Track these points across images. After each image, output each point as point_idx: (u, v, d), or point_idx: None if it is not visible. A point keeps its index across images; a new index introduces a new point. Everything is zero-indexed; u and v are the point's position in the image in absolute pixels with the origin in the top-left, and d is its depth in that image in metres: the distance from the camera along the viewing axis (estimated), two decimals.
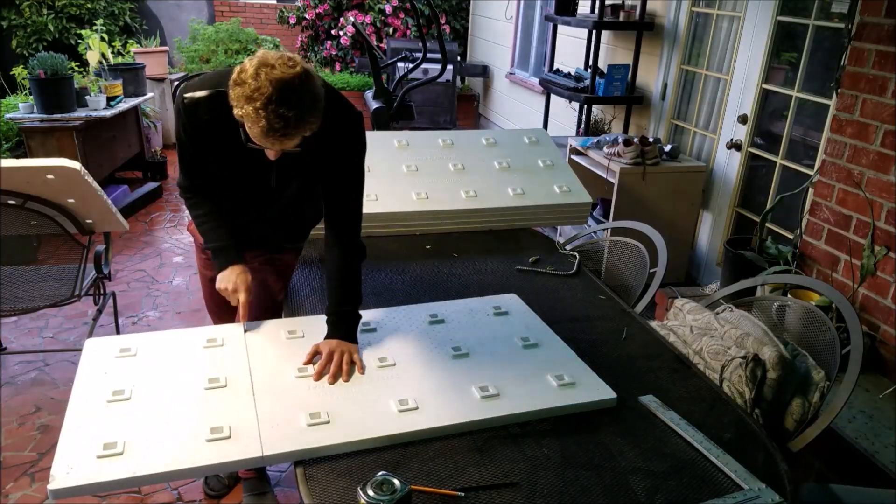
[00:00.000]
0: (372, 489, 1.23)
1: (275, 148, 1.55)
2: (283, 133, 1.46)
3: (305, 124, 1.49)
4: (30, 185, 2.44)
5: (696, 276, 3.96)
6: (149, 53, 6.13)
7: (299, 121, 1.46)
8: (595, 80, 4.29)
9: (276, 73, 1.42)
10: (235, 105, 1.46)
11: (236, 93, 1.45)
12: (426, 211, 2.58)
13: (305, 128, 1.50)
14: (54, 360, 3.09)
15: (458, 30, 7.85)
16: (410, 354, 1.75)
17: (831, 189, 2.86)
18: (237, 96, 1.45)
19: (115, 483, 1.30)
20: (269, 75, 1.42)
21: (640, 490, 1.37)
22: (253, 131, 1.48)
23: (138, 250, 4.32)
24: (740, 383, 1.80)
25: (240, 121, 1.51)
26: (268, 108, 1.41)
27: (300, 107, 1.45)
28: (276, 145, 1.52)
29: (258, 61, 1.44)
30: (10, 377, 2.96)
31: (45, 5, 6.75)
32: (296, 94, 1.44)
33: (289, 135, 1.48)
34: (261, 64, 1.43)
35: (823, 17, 3.07)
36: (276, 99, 1.41)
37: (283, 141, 1.50)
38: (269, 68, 1.43)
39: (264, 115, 1.42)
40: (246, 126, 1.50)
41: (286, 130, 1.46)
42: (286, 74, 1.43)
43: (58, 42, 6.72)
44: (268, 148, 1.56)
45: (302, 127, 1.49)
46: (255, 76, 1.42)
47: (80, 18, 6.86)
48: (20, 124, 4.26)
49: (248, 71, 1.43)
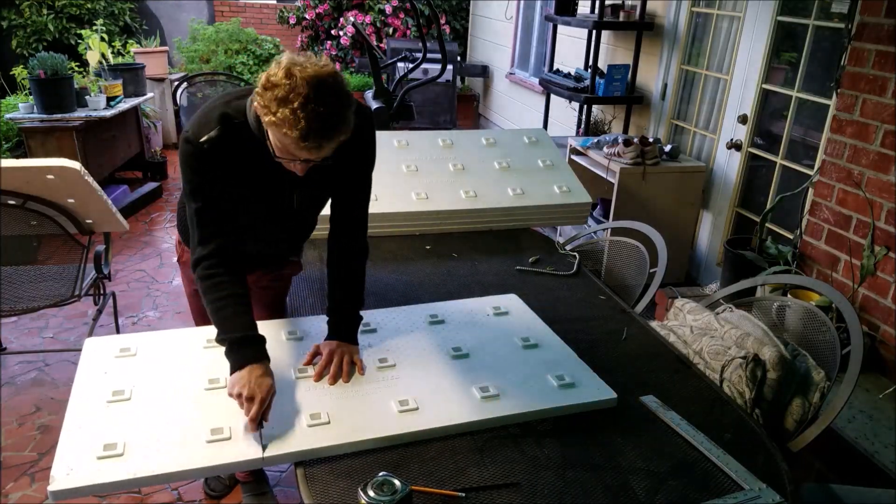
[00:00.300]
0: (372, 490, 1.23)
1: (312, 156, 1.43)
2: (323, 135, 1.37)
3: (343, 124, 1.40)
4: (30, 185, 2.44)
5: (696, 276, 3.96)
6: (149, 53, 6.13)
7: (338, 121, 1.38)
8: (595, 80, 4.29)
9: (310, 72, 1.35)
10: (266, 112, 1.36)
11: (267, 98, 1.35)
12: (426, 211, 2.58)
13: (343, 131, 1.41)
14: (54, 360, 3.09)
15: (458, 30, 7.85)
16: (410, 355, 1.75)
17: (831, 189, 2.86)
18: (268, 101, 1.35)
19: (116, 484, 1.30)
20: (303, 74, 1.34)
21: (640, 490, 1.37)
22: (288, 138, 1.37)
23: (138, 250, 4.32)
24: (740, 383, 1.80)
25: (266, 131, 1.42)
26: (307, 107, 1.33)
27: (338, 105, 1.38)
28: (311, 152, 1.41)
29: (288, 62, 1.37)
30: (10, 377, 2.96)
31: (45, 5, 6.75)
32: (332, 93, 1.37)
33: (328, 137, 1.38)
34: (292, 64, 1.36)
35: (823, 17, 3.07)
36: (314, 97, 1.33)
37: (321, 145, 1.39)
38: (302, 68, 1.35)
39: (303, 115, 1.33)
40: (277, 135, 1.40)
41: (325, 131, 1.37)
42: (320, 73, 1.36)
43: (58, 42, 6.72)
44: (301, 158, 1.44)
45: (340, 128, 1.40)
46: (287, 76, 1.34)
47: (80, 18, 6.86)
48: (20, 124, 4.26)
49: (279, 73, 1.35)
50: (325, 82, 1.36)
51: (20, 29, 6.73)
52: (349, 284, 1.77)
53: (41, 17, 6.71)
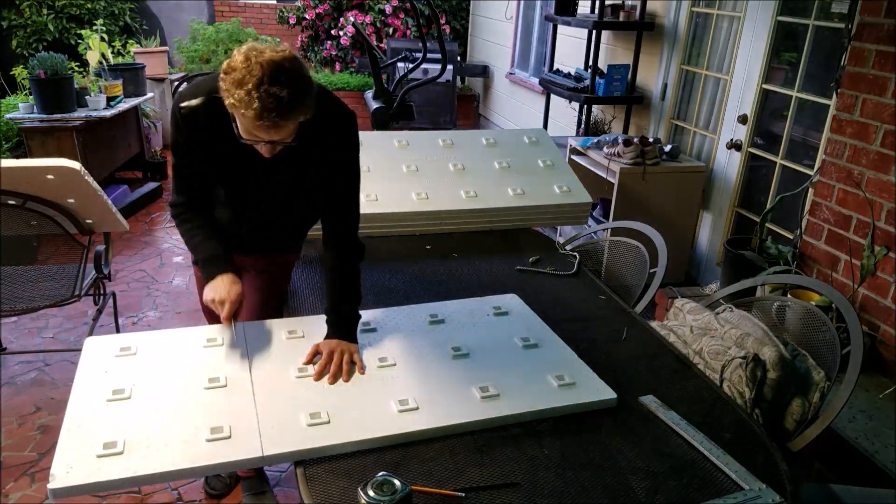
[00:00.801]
0: (372, 489, 1.22)
1: (269, 136, 1.51)
2: (278, 114, 1.44)
3: (299, 106, 1.47)
4: (30, 185, 2.44)
5: (696, 276, 3.96)
6: (149, 53, 6.13)
7: (292, 101, 1.44)
8: (595, 80, 4.29)
9: (266, 56, 1.43)
10: (227, 94, 1.45)
11: (227, 82, 1.44)
12: (426, 211, 2.58)
13: (299, 111, 1.48)
14: (54, 360, 3.09)
15: (458, 30, 7.85)
16: (410, 354, 1.75)
17: (831, 189, 2.86)
18: (228, 85, 1.44)
19: (115, 483, 1.30)
20: (259, 58, 1.42)
21: (640, 490, 1.37)
22: (246, 117, 1.46)
23: (138, 250, 4.32)
24: (740, 383, 1.80)
25: (232, 114, 1.50)
26: (260, 88, 1.40)
27: (292, 86, 1.44)
28: (270, 132, 1.49)
29: (246, 48, 1.46)
30: (10, 377, 2.96)
31: (45, 5, 6.75)
32: (287, 74, 1.43)
33: (283, 116, 1.45)
34: (249, 50, 1.45)
35: (823, 17, 3.07)
36: (267, 79, 1.41)
37: (279, 125, 1.47)
38: (258, 52, 1.44)
39: (256, 95, 1.40)
40: (238, 117, 1.49)
41: (280, 111, 1.44)
42: (276, 56, 1.44)
43: (58, 42, 6.71)
44: (262, 140, 1.53)
45: (295, 109, 1.47)
46: (244, 61, 1.43)
47: (80, 18, 6.86)
48: (20, 124, 4.26)
49: (238, 58, 1.44)
50: (281, 66, 1.44)
51: (20, 29, 6.73)
52: (345, 283, 1.79)
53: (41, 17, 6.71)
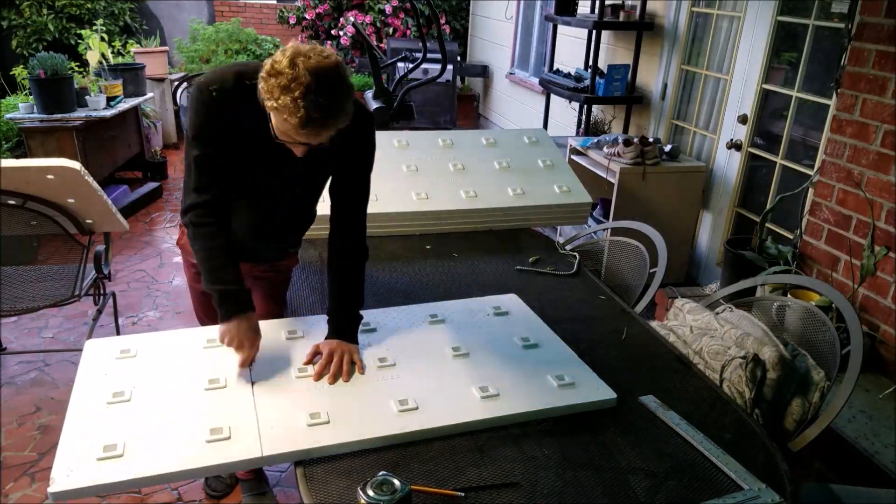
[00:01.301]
0: (372, 489, 1.23)
1: (309, 140, 1.50)
2: (322, 123, 1.44)
3: (342, 114, 1.47)
4: (30, 185, 2.45)
5: (696, 276, 3.96)
6: (149, 53, 6.13)
7: (337, 110, 1.45)
8: (595, 80, 4.29)
9: (313, 62, 1.41)
10: (269, 97, 1.42)
11: (270, 84, 1.41)
12: (426, 211, 2.58)
13: (341, 119, 1.48)
14: (54, 360, 3.09)
15: (458, 30, 7.85)
16: (410, 354, 1.75)
17: (831, 189, 2.86)
18: (271, 88, 1.41)
19: (116, 485, 1.31)
20: (307, 64, 1.40)
21: (640, 490, 1.37)
22: (288, 124, 1.44)
23: (138, 250, 4.32)
24: (740, 383, 1.80)
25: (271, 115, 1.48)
26: (307, 97, 1.39)
27: (338, 96, 1.44)
28: (310, 137, 1.48)
29: (292, 51, 1.42)
30: (10, 377, 2.96)
31: (45, 5, 6.74)
32: (333, 84, 1.42)
33: (326, 125, 1.45)
34: (296, 54, 1.41)
35: (823, 17, 3.07)
36: (314, 88, 1.39)
37: (320, 132, 1.47)
38: (305, 58, 1.41)
39: (303, 104, 1.39)
40: (278, 120, 1.47)
41: (325, 121, 1.44)
42: (323, 63, 1.42)
43: (58, 42, 6.71)
44: (300, 142, 1.51)
45: (338, 117, 1.46)
46: (291, 66, 1.40)
47: (80, 18, 6.86)
48: (20, 124, 4.26)
49: (283, 62, 1.41)
50: (327, 73, 1.42)
51: (20, 29, 6.72)
52: (348, 284, 1.79)
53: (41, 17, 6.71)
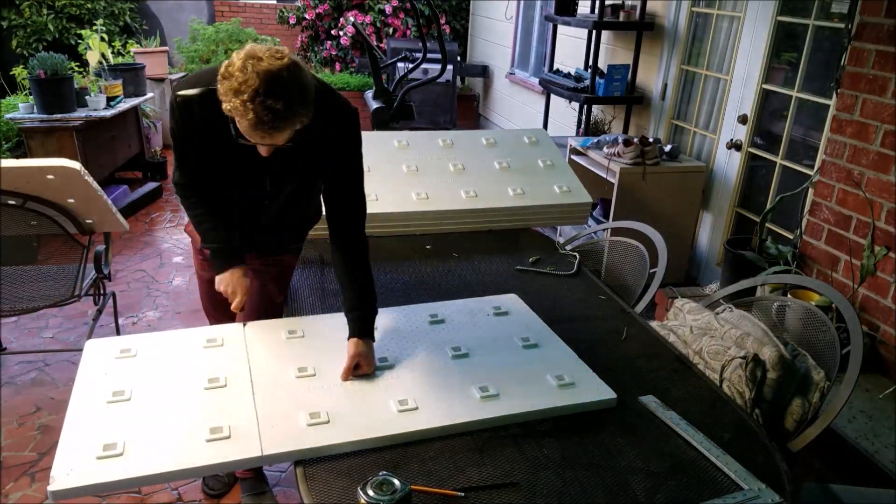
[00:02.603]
0: (372, 489, 1.23)
1: (265, 142, 1.52)
2: (272, 126, 1.45)
3: (294, 116, 1.47)
4: (30, 185, 2.45)
5: (696, 276, 3.96)
6: (149, 53, 6.13)
7: (288, 112, 1.44)
8: (595, 80, 4.29)
9: (264, 65, 1.41)
10: (224, 99, 1.45)
11: (224, 87, 1.44)
12: (426, 211, 2.58)
13: (295, 120, 1.48)
14: (54, 360, 3.09)
15: (458, 30, 7.85)
16: (410, 354, 1.75)
17: (831, 189, 2.86)
18: (225, 90, 1.44)
19: (116, 484, 1.31)
20: (256, 67, 1.40)
21: (640, 490, 1.37)
22: (242, 125, 1.47)
23: (138, 250, 4.32)
24: (740, 383, 1.80)
25: (229, 116, 1.49)
26: (255, 100, 1.40)
27: (288, 98, 1.43)
28: (265, 139, 1.50)
29: (245, 54, 1.43)
30: (10, 377, 2.96)
31: (45, 5, 6.74)
32: (283, 86, 1.42)
33: (278, 127, 1.46)
34: (248, 56, 1.42)
35: (823, 17, 3.07)
36: (263, 91, 1.40)
37: (273, 134, 1.48)
38: (256, 60, 1.41)
39: (252, 107, 1.40)
40: (236, 120, 1.49)
41: (275, 123, 1.44)
42: (273, 66, 1.42)
43: (58, 42, 6.71)
44: (258, 143, 1.53)
45: (291, 119, 1.47)
46: (242, 69, 1.41)
47: (80, 18, 6.86)
48: (20, 124, 4.26)
49: (236, 64, 1.42)
50: (278, 77, 1.42)
51: (20, 29, 6.72)
52: (357, 281, 1.76)
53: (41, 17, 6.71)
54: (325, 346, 1.76)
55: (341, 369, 1.64)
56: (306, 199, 1.95)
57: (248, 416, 1.48)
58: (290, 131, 1.51)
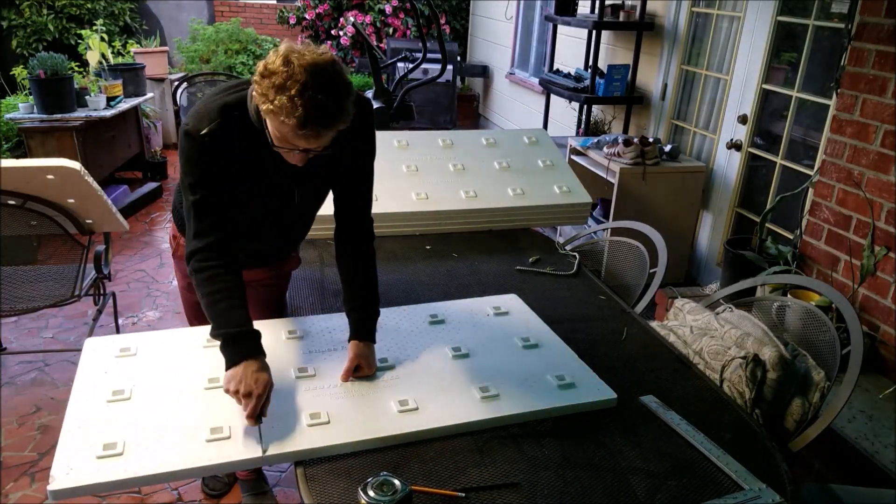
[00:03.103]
0: (372, 490, 1.23)
1: (309, 145, 1.42)
2: (321, 122, 1.35)
3: (342, 114, 1.38)
4: (30, 185, 2.44)
5: (696, 276, 3.96)
6: (149, 53, 6.13)
7: (337, 109, 1.37)
8: (595, 80, 4.29)
9: (308, 59, 1.33)
10: (264, 100, 1.34)
11: (264, 86, 1.34)
12: (426, 211, 2.58)
13: (341, 119, 1.39)
14: (54, 360, 3.09)
15: (458, 30, 7.85)
16: (410, 354, 1.75)
17: (831, 189, 2.86)
18: (266, 89, 1.33)
19: (115, 483, 1.30)
20: (301, 61, 1.33)
21: (640, 490, 1.37)
22: (286, 126, 1.35)
23: (138, 250, 4.32)
24: (740, 383, 1.80)
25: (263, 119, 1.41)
26: (304, 94, 1.31)
27: (337, 93, 1.36)
28: (310, 141, 1.39)
29: (286, 49, 1.35)
30: (10, 377, 2.96)
31: (45, 5, 6.74)
32: (331, 80, 1.35)
33: (327, 125, 1.37)
34: (289, 51, 1.34)
35: (823, 17, 3.07)
36: (312, 84, 1.32)
37: (320, 133, 1.38)
38: (300, 55, 1.34)
39: (301, 102, 1.31)
40: (275, 124, 1.38)
41: (324, 120, 1.35)
42: (319, 60, 1.35)
43: (58, 42, 6.71)
44: (299, 147, 1.43)
45: (338, 117, 1.38)
46: (285, 63, 1.33)
47: (80, 18, 6.86)
48: (20, 124, 4.26)
49: (276, 61, 1.34)
50: (324, 70, 1.35)
51: (20, 29, 6.72)
52: (362, 281, 1.74)
53: (41, 17, 6.71)
54: (325, 346, 1.76)
55: (341, 370, 1.64)
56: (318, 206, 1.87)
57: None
58: (334, 133, 1.41)
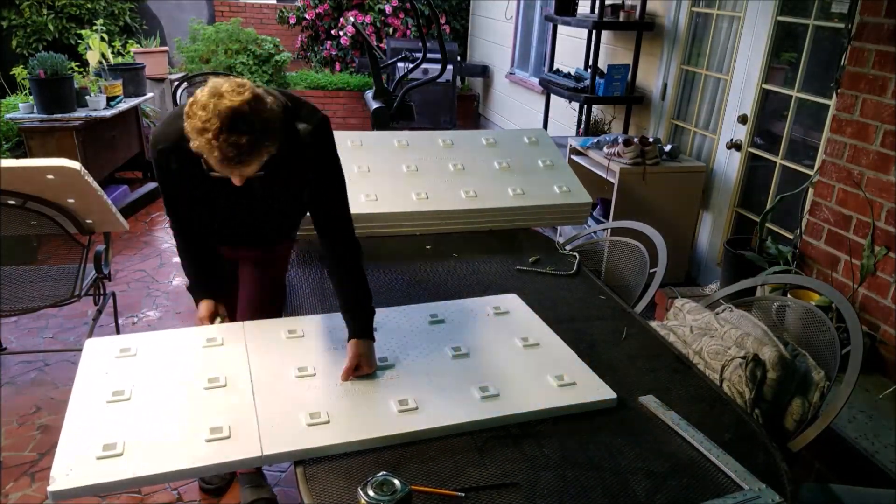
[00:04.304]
0: (372, 489, 1.23)
1: (234, 175, 1.57)
2: (239, 160, 1.49)
3: (261, 148, 1.51)
4: (30, 185, 2.44)
5: (696, 276, 3.96)
6: (149, 53, 6.13)
7: (252, 147, 1.48)
8: (595, 80, 4.29)
9: (225, 103, 1.45)
10: (190, 137, 1.49)
11: (189, 125, 1.48)
12: (426, 211, 2.58)
13: (261, 152, 1.52)
14: (54, 360, 3.09)
15: (458, 30, 7.85)
16: (410, 354, 1.75)
17: (831, 189, 2.86)
18: (191, 129, 1.48)
19: (115, 484, 1.31)
20: (218, 106, 1.44)
21: (640, 490, 1.37)
22: (210, 161, 1.51)
23: (138, 250, 4.32)
24: (740, 383, 1.80)
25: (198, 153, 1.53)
26: (219, 137, 1.44)
27: (252, 132, 1.47)
28: (234, 172, 1.55)
29: (209, 91, 1.47)
30: (10, 377, 2.96)
31: (45, 5, 6.74)
32: (246, 121, 1.46)
33: (244, 161, 1.50)
34: (211, 94, 1.47)
35: (823, 17, 3.06)
36: (225, 128, 1.44)
37: (241, 168, 1.52)
38: (218, 98, 1.45)
39: (217, 145, 1.45)
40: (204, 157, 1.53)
41: (241, 157, 1.48)
42: (234, 102, 1.45)
43: (58, 42, 6.71)
44: (229, 175, 1.57)
45: (257, 152, 1.51)
46: (203, 107, 1.45)
47: (80, 18, 6.86)
48: (20, 124, 4.26)
49: (199, 102, 1.47)
50: (240, 112, 1.46)
51: (20, 29, 6.72)
52: (351, 284, 1.78)
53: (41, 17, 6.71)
54: (325, 346, 1.76)
55: (341, 369, 1.64)
56: (296, 208, 1.98)
57: (248, 416, 1.48)
58: (259, 163, 1.55)
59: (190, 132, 1.48)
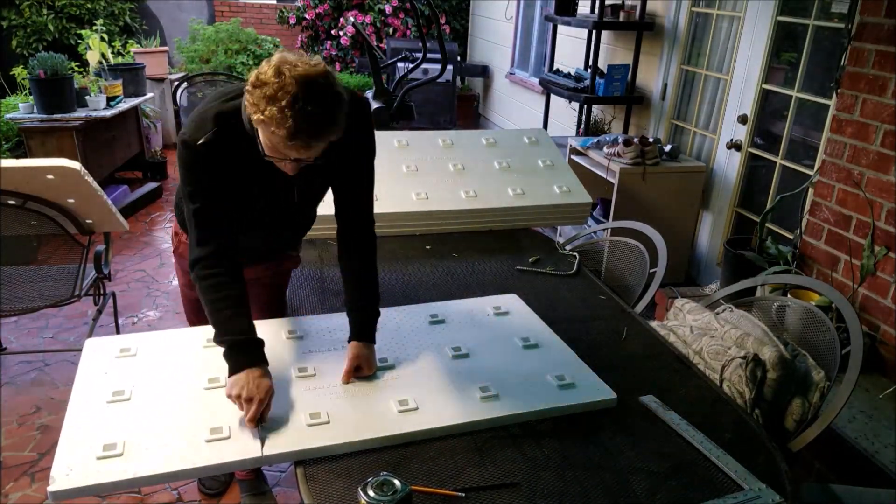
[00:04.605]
0: (372, 489, 1.23)
1: (300, 155, 1.42)
2: (311, 134, 1.35)
3: (333, 127, 1.39)
4: (30, 185, 2.44)
5: (696, 276, 3.96)
6: (149, 53, 6.13)
7: (327, 122, 1.37)
8: (595, 80, 4.29)
9: (300, 70, 1.33)
10: (255, 110, 1.35)
11: (255, 96, 1.34)
12: (426, 211, 2.58)
13: (332, 131, 1.39)
14: (54, 360, 3.09)
15: (458, 30, 7.85)
16: (410, 354, 1.75)
17: (831, 189, 2.86)
18: (257, 99, 1.34)
19: (115, 484, 1.30)
20: (293, 72, 1.33)
21: (640, 490, 1.37)
22: (276, 136, 1.36)
23: (138, 250, 4.32)
24: (740, 383, 1.80)
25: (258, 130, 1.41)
26: (294, 105, 1.31)
27: (327, 105, 1.36)
28: (300, 151, 1.40)
29: (278, 60, 1.35)
30: (10, 377, 2.96)
31: (45, 5, 6.75)
32: (322, 92, 1.35)
33: (316, 137, 1.37)
34: (282, 62, 1.35)
35: (823, 17, 3.07)
36: (302, 96, 1.32)
37: (310, 144, 1.38)
38: (292, 66, 1.34)
39: (290, 113, 1.31)
40: (265, 134, 1.39)
41: (314, 132, 1.36)
42: (311, 71, 1.35)
43: (58, 42, 6.71)
44: (289, 157, 1.43)
45: (329, 129, 1.38)
46: (277, 74, 1.33)
47: (80, 18, 6.86)
48: (20, 124, 4.26)
49: (268, 71, 1.34)
50: (315, 81, 1.35)
51: (20, 29, 6.72)
52: (364, 282, 1.74)
53: (41, 17, 6.71)
54: (325, 346, 1.76)
55: (342, 370, 1.64)
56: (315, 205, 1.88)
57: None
58: (325, 144, 1.42)
59: (256, 103, 1.33)
